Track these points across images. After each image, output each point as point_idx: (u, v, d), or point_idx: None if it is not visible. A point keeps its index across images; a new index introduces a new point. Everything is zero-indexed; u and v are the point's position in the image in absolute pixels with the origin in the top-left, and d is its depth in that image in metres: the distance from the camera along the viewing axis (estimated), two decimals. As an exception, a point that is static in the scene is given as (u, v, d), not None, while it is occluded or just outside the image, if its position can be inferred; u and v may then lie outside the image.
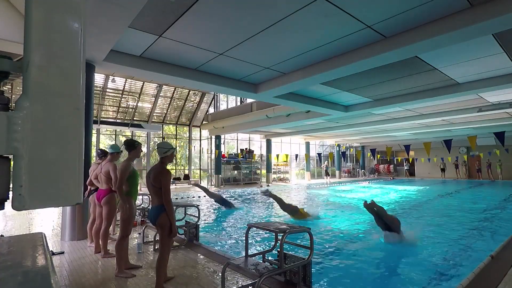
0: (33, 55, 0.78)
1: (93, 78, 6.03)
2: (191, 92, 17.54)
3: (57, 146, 0.81)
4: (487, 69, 6.97)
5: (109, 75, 14.22)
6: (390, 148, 15.16)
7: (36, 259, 1.23)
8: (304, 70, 6.82)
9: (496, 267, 3.72)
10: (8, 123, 0.74)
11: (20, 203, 0.74)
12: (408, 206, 10.71)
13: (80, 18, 0.85)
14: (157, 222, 3.19)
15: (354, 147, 31.33)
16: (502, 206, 10.47)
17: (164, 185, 3.12)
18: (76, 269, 3.91)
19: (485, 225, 7.41)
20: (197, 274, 3.73)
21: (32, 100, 0.77)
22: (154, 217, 3.20)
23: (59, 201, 0.83)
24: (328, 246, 5.57)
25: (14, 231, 6.08)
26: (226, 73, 7.34)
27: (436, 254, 5.02)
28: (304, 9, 4.27)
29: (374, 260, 4.87)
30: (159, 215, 3.16)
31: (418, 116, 13.30)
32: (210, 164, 19.89)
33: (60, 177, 0.81)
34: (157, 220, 3.18)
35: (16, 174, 0.75)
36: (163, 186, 3.12)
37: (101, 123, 12.50)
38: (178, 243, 5.10)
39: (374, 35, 5.09)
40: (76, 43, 0.84)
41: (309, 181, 23.45)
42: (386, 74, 7.37)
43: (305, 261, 3.15)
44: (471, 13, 4.19)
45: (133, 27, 4.77)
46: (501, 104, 10.67)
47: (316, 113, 12.04)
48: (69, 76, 0.83)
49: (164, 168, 3.25)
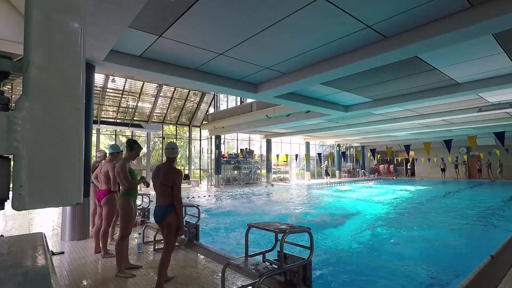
0: (33, 55, 0.78)
1: (93, 78, 6.03)
2: (191, 92, 17.54)
3: (57, 146, 0.81)
4: (487, 69, 6.96)
5: (109, 75, 14.22)
6: (390, 148, 15.17)
7: (36, 259, 1.23)
8: (304, 70, 6.82)
9: (496, 267, 3.72)
10: (8, 123, 0.74)
11: (20, 203, 0.74)
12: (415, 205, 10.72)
13: (80, 18, 0.85)
14: (165, 221, 3.21)
15: (354, 147, 31.33)
16: (502, 206, 10.47)
17: (177, 184, 3.20)
18: (76, 269, 3.91)
19: (485, 225, 7.41)
20: (197, 274, 3.73)
21: (32, 100, 0.77)
22: (162, 216, 3.22)
23: (59, 201, 0.82)
24: (328, 246, 5.57)
25: (14, 231, 6.09)
26: (226, 73, 7.34)
27: (437, 254, 5.02)
28: (304, 9, 4.27)
29: (374, 260, 4.87)
30: (168, 214, 3.19)
31: (418, 116, 13.30)
32: (210, 164, 19.89)
33: (60, 177, 0.81)
34: (165, 219, 3.21)
35: (16, 174, 0.75)
36: (175, 185, 3.19)
37: (101, 123, 12.50)
38: (178, 243, 5.09)
39: (374, 35, 5.09)
40: (76, 43, 0.84)
41: (309, 181, 23.46)
42: (386, 74, 7.37)
43: (305, 261, 3.15)
44: (471, 13, 4.19)
45: (133, 27, 4.77)
46: (501, 104, 10.67)
47: (316, 113, 12.04)
48: (69, 76, 0.83)
49: (174, 167, 3.32)
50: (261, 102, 13.57)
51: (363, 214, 8.92)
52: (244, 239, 3.41)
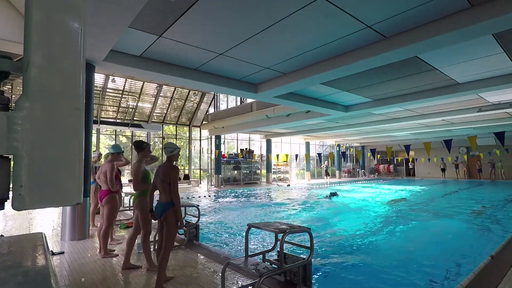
0: (33, 55, 0.78)
1: (93, 78, 6.03)
2: (191, 92, 17.53)
3: (57, 146, 0.81)
4: (487, 69, 6.96)
5: (109, 75, 14.22)
6: (390, 148, 15.16)
7: (36, 259, 1.23)
8: (304, 70, 6.82)
9: (496, 267, 3.72)
10: (8, 123, 0.74)
11: (20, 203, 0.74)
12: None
13: (80, 18, 0.85)
14: (164, 216, 3.37)
15: (354, 147, 31.32)
16: (503, 206, 10.47)
17: (173, 178, 3.37)
18: (76, 269, 3.91)
19: (486, 225, 7.41)
20: (197, 274, 3.73)
21: (32, 100, 0.77)
22: (161, 211, 3.40)
23: (59, 201, 0.83)
24: (328, 246, 5.57)
25: (14, 231, 6.08)
26: (226, 73, 7.34)
27: (437, 254, 5.01)
28: (304, 9, 4.27)
29: (374, 260, 4.87)
30: (167, 209, 3.36)
31: (418, 116, 13.30)
32: (210, 164, 19.89)
33: (60, 177, 0.81)
34: (164, 214, 3.37)
35: (16, 174, 0.75)
36: (171, 179, 3.36)
37: (101, 123, 12.50)
38: (178, 243, 5.09)
39: (374, 35, 5.09)
40: (76, 43, 0.84)
41: (309, 181, 23.45)
42: (386, 74, 7.37)
43: (305, 261, 3.15)
44: (471, 13, 4.18)
45: (133, 27, 4.77)
46: (501, 104, 10.67)
47: (316, 113, 12.03)
48: (69, 76, 0.83)
49: (172, 164, 3.51)
50: (261, 102, 13.56)
51: (363, 214, 8.92)
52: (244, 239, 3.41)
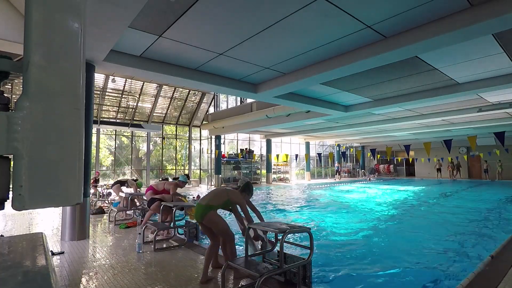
0: (33, 55, 0.78)
1: (93, 78, 6.02)
2: (191, 92, 17.54)
3: (57, 146, 0.81)
4: (487, 69, 6.96)
5: (109, 75, 14.22)
6: (390, 148, 15.17)
7: (36, 259, 1.23)
8: (304, 70, 6.82)
9: (496, 267, 3.72)
10: (8, 123, 0.74)
11: (20, 203, 0.74)
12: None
13: (80, 18, 0.85)
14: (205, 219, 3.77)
15: (354, 147, 31.32)
16: (502, 206, 10.47)
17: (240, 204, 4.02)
18: (76, 269, 3.91)
19: (486, 224, 7.41)
20: (197, 274, 3.73)
21: (32, 100, 0.77)
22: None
23: (59, 201, 0.83)
24: (328, 246, 5.56)
25: (14, 231, 6.08)
26: (226, 73, 7.34)
27: (437, 254, 5.01)
28: (304, 9, 4.27)
29: (375, 260, 4.86)
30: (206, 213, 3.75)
31: (418, 116, 13.30)
32: (210, 164, 19.89)
33: (60, 177, 0.81)
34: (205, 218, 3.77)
35: (16, 174, 0.75)
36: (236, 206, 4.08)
37: (101, 123, 12.50)
38: (178, 243, 5.10)
39: (374, 35, 5.09)
40: (76, 43, 0.84)
41: (309, 181, 23.46)
42: (386, 74, 7.37)
43: (305, 261, 3.15)
44: (471, 13, 4.18)
45: (133, 27, 4.77)
46: (501, 104, 10.67)
47: (316, 113, 12.03)
48: (69, 76, 0.83)
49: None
50: (261, 102, 13.56)
51: (363, 214, 8.92)
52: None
